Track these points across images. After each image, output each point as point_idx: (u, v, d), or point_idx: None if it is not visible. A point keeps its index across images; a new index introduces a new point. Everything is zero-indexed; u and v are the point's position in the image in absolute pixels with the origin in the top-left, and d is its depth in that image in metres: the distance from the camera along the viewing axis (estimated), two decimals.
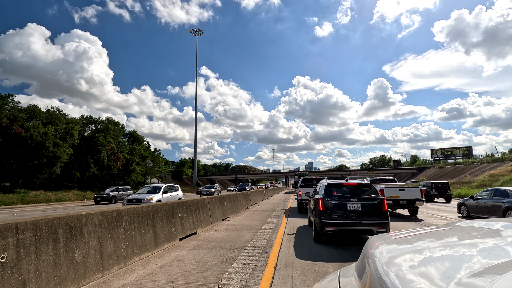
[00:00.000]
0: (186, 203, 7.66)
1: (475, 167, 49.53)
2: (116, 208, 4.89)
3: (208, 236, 7.65)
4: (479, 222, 1.49)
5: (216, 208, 10.05)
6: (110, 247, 4.44)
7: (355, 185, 6.99)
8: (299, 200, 14.31)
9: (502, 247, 1.00)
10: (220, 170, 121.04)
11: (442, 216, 12.79)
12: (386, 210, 6.39)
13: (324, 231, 6.33)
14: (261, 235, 7.79)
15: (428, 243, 1.20)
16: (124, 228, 4.89)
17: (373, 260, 1.01)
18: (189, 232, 7.44)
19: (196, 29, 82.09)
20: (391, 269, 0.88)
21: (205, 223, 8.69)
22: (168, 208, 6.57)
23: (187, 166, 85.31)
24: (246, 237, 7.43)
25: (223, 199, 11.31)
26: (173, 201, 7.01)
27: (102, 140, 38.59)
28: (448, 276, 0.76)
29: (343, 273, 1.29)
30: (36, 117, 32.05)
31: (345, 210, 6.33)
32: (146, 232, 5.50)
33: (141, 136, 56.36)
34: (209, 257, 5.41)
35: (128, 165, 44.20)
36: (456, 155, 71.40)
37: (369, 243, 1.28)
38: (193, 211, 7.95)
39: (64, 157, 31.91)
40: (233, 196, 13.18)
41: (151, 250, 5.54)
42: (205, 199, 9.19)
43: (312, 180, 15.15)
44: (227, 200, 11.84)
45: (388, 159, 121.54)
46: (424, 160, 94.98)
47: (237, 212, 13.10)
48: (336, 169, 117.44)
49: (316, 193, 7.78)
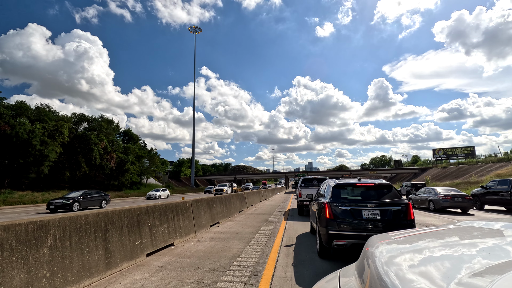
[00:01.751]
0: (160, 207, 6.18)
1: (480, 167, 48.10)
2: (38, 218, 3.42)
3: (187, 248, 6.18)
4: (479, 222, 1.49)
5: (202, 212, 8.58)
6: (17, 279, 2.96)
7: (372, 185, 5.53)
8: (299, 201, 13.38)
9: (502, 247, 1.00)
10: (219, 170, 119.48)
11: None
12: (413, 218, 5.12)
13: (332, 246, 5.01)
14: (253, 247, 6.32)
15: (428, 243, 1.20)
16: (50, 248, 3.42)
17: (373, 260, 1.02)
18: (163, 244, 5.96)
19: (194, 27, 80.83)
20: (391, 269, 0.88)
21: (187, 231, 7.22)
22: (131, 215, 5.10)
23: (185, 166, 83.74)
24: (233, 251, 5.97)
25: (212, 202, 9.84)
26: (140, 206, 5.55)
27: (94, 138, 37.05)
28: (448, 276, 0.76)
29: (343, 273, 1.29)
30: (24, 114, 30.54)
31: (360, 218, 5.01)
32: (91, 250, 4.03)
33: (136, 135, 54.70)
34: (176, 284, 3.94)
35: (122, 164, 42.62)
36: (458, 155, 70.19)
37: (370, 243, 1.29)
38: (169, 218, 6.47)
39: (53, 156, 30.40)
40: (225, 198, 11.71)
41: (99, 274, 4.07)
42: (188, 202, 7.71)
43: (313, 181, 14.31)
44: (217, 202, 10.37)
45: (389, 159, 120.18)
46: (425, 160, 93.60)
47: (230, 216, 11.64)
48: (336, 169, 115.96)
49: (320, 196, 6.46)
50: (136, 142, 54.00)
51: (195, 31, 77.41)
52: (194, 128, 56.11)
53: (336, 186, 5.65)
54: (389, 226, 4.92)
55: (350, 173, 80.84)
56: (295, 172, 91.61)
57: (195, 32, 77.62)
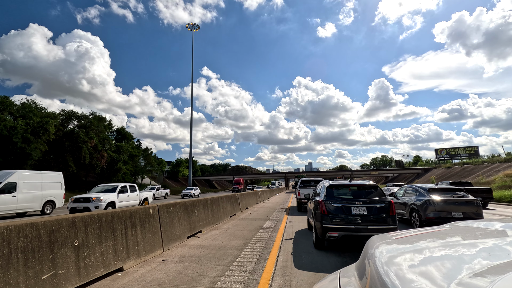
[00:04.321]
0: (101, 217, 4.28)
1: (486, 167, 46.34)
2: None
3: (140, 276, 4.28)
4: (479, 222, 1.49)
5: (176, 220, 6.69)
6: None
7: (360, 186, 6.41)
8: (298, 200, 15.40)
9: (502, 247, 0.99)
10: (218, 170, 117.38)
11: None
12: (395, 214, 5.87)
13: (326, 237, 5.80)
14: (236, 273, 4.44)
15: (428, 243, 1.19)
16: None
17: (373, 260, 1.02)
18: (101, 273, 4.06)
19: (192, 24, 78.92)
20: (391, 269, 0.88)
21: (149, 248, 5.32)
22: (35, 233, 3.21)
23: (183, 166, 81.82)
24: (205, 281, 4.08)
25: (193, 206, 7.95)
26: (60, 218, 3.64)
27: (83, 136, 35.06)
28: (448, 276, 0.76)
29: (343, 273, 1.29)
30: (6, 109, 28.59)
31: (349, 214, 5.82)
32: None
33: (130, 133, 52.68)
34: None
35: (114, 164, 40.63)
36: (462, 155, 68.64)
37: (370, 243, 1.29)
38: (118, 231, 4.57)
39: (36, 154, 28.47)
40: (211, 201, 9.82)
41: None
42: (152, 207, 5.79)
43: (311, 182, 16.05)
44: (200, 206, 8.47)
45: (390, 160, 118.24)
46: (428, 160, 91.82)
47: (217, 223, 9.75)
48: (337, 170, 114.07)
49: (316, 195, 7.23)
50: (130, 140, 51.94)
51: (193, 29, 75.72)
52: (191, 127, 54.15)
53: (330, 186, 6.43)
54: (374, 220, 5.70)
55: (351, 173, 79.02)
56: (295, 173, 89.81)
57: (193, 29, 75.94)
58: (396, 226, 5.72)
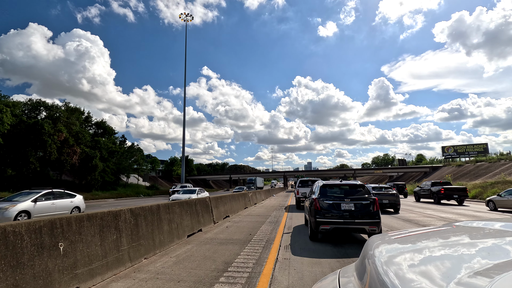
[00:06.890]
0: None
1: (504, 164, 42.07)
2: None
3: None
4: (479, 222, 1.51)
5: None
6: None
7: (350, 185, 7.46)
8: (297, 198, 16.83)
9: (502, 247, 1.01)
10: (216, 170, 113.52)
11: None
12: (378, 210, 6.86)
13: (319, 230, 6.78)
14: None
15: (428, 243, 1.21)
16: None
17: (373, 260, 1.03)
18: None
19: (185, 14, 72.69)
20: (390, 269, 0.88)
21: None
22: None
23: (177, 165, 76.99)
24: None
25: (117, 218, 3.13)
26: None
27: (48, 128, 30.04)
28: (448, 275, 0.77)
29: (343, 273, 1.30)
30: None
31: (339, 209, 6.77)
32: None
33: (111, 127, 47.68)
34: None
35: (88, 160, 35.56)
36: (470, 153, 64.78)
37: (369, 243, 1.30)
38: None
39: None
40: (157, 209, 4.89)
41: None
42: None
43: (308, 182, 17.64)
44: (121, 219, 3.65)
45: (392, 158, 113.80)
46: (432, 159, 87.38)
47: (159, 249, 4.86)
48: (337, 169, 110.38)
49: (312, 193, 8.19)
50: (111, 135, 46.69)
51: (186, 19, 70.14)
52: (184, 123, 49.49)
53: (323, 186, 7.49)
54: (360, 215, 6.67)
55: (354, 171, 74.69)
56: (294, 172, 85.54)
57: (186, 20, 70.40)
58: (379, 221, 6.70)
